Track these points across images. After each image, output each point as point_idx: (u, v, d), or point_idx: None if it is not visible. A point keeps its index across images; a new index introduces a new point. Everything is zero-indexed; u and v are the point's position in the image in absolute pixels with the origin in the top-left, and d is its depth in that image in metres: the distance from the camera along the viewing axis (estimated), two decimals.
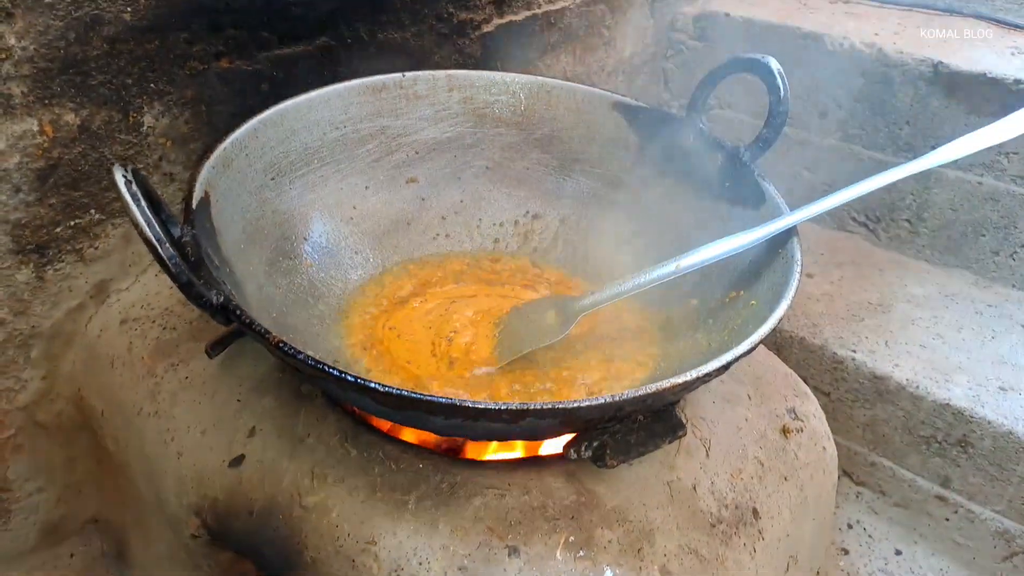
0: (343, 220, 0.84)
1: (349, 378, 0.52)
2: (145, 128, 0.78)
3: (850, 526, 1.02)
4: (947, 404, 0.95)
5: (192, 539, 0.70)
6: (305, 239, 0.80)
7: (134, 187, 0.53)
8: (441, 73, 0.89)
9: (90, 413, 0.82)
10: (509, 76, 0.91)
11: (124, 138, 0.77)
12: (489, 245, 0.91)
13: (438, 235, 0.90)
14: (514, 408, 0.51)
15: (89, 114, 0.73)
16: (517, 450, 0.67)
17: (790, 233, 0.70)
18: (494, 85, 0.91)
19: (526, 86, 0.91)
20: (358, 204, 0.86)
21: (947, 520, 1.00)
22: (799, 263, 0.67)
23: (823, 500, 0.78)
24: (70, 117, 0.72)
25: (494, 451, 0.67)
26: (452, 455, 0.65)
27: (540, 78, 0.92)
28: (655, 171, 0.87)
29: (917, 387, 0.96)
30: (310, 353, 0.52)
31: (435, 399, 0.51)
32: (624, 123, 0.89)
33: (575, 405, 0.52)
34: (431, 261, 0.87)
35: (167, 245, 0.51)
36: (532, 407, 0.51)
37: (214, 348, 0.71)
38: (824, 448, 0.79)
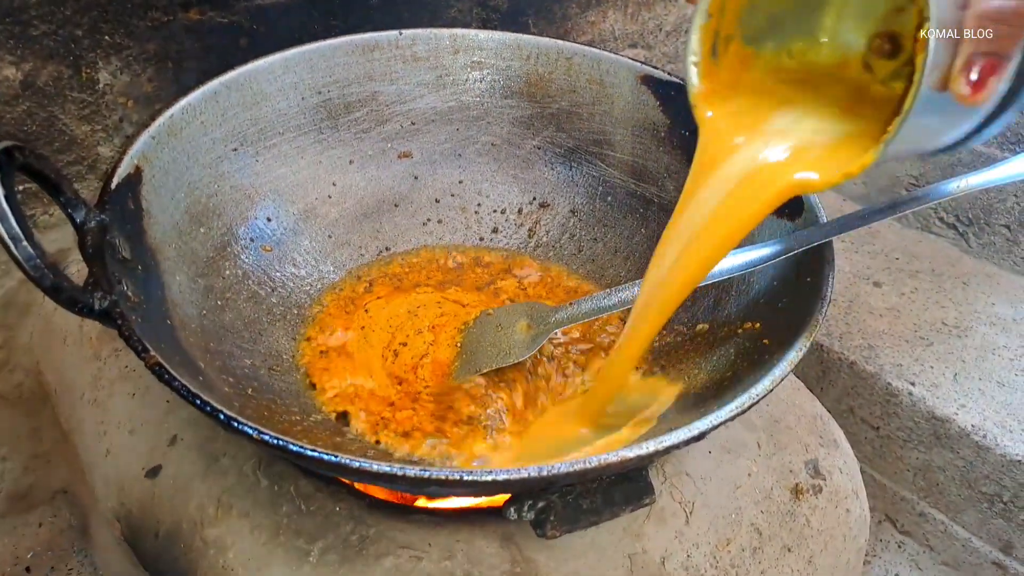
0: (318, 199, 0.75)
1: (229, 421, 0.43)
2: (101, 86, 0.70)
3: None
4: (1021, 461, 0.78)
5: (121, 540, 0.65)
6: (268, 219, 0.71)
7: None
8: (444, 32, 0.78)
9: (47, 388, 0.78)
10: (523, 39, 0.79)
11: (77, 96, 0.69)
12: (487, 235, 0.80)
13: (429, 220, 0.80)
14: (412, 476, 0.41)
15: (33, 68, 0.66)
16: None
17: (821, 252, 0.56)
18: (506, 49, 0.79)
19: (543, 51, 0.79)
20: (338, 180, 0.76)
21: None
22: (826, 301, 0.53)
23: (841, 571, 0.65)
24: (10, 71, 0.65)
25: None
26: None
27: (559, 42, 0.79)
28: (686, 161, 0.73)
29: (984, 436, 0.80)
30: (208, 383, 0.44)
31: (321, 456, 0.42)
32: (654, 100, 0.76)
33: (489, 478, 0.42)
34: (416, 251, 0.78)
35: (24, 244, 0.44)
36: (434, 475, 0.41)
37: None
38: (848, 510, 0.65)
